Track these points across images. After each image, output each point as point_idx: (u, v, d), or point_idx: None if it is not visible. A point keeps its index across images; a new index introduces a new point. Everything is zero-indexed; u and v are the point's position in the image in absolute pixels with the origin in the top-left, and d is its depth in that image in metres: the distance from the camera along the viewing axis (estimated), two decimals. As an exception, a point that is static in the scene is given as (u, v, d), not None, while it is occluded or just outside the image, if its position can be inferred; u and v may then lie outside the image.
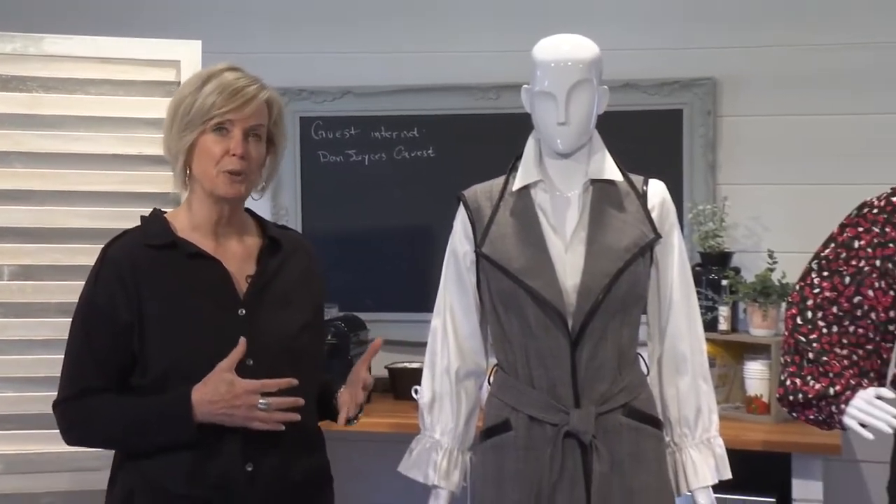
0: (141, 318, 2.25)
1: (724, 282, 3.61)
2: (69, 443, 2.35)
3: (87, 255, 2.42)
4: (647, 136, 3.80)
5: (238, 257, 2.36)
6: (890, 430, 2.59)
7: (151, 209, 2.42)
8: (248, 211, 2.46)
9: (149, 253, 2.30)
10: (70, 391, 2.29)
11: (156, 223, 2.37)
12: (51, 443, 2.37)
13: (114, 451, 2.37)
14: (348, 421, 2.45)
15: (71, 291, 2.39)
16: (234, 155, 2.27)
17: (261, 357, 2.26)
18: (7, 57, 2.94)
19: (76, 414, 2.29)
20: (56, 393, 2.32)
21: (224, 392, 2.19)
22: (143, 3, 4.05)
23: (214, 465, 2.25)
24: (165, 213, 2.41)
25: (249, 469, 2.26)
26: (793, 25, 3.81)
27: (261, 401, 2.21)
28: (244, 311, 2.30)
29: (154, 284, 2.27)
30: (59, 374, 2.31)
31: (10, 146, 2.94)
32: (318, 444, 2.46)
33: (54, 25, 3.20)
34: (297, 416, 2.25)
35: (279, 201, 4.09)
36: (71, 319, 2.32)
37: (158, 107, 2.34)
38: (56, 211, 2.94)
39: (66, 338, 2.31)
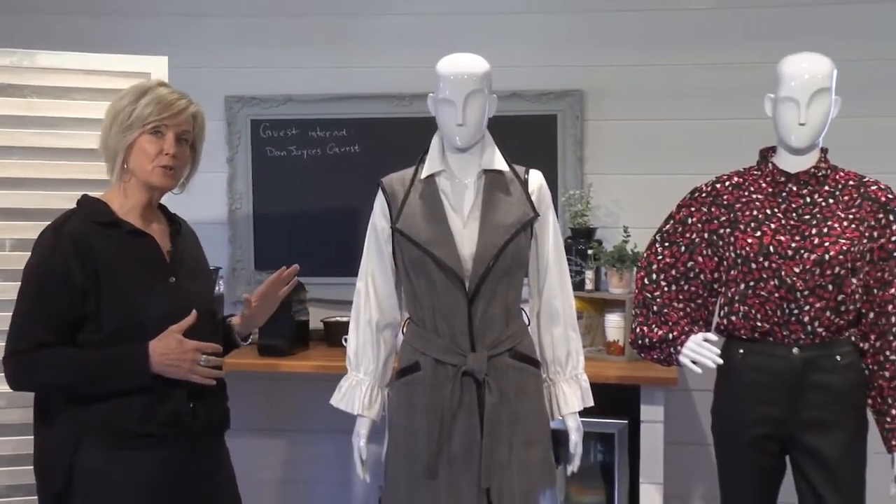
0: (97, 283, 2.19)
1: (590, 251, 3.63)
2: (15, 389, 2.25)
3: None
4: (528, 136, 3.79)
5: (159, 235, 2.34)
6: (714, 366, 2.65)
7: (82, 195, 2.36)
8: None
9: (97, 229, 2.25)
10: (24, 345, 2.20)
11: (97, 205, 2.31)
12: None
13: (34, 399, 2.28)
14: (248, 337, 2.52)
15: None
16: (167, 154, 2.26)
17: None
18: (6, 69, 2.88)
19: (30, 364, 2.20)
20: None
21: (175, 347, 2.20)
22: (121, 25, 3.93)
23: (166, 406, 2.23)
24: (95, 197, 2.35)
25: (192, 406, 2.26)
26: (643, 49, 3.83)
27: (202, 357, 2.24)
28: (174, 279, 2.29)
29: (105, 255, 2.22)
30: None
31: (9, 142, 2.88)
32: (225, 395, 2.44)
33: (46, 43, 3.11)
34: (223, 373, 2.30)
35: (234, 188, 4.01)
36: (20, 287, 2.24)
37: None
38: (49, 195, 2.86)
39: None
